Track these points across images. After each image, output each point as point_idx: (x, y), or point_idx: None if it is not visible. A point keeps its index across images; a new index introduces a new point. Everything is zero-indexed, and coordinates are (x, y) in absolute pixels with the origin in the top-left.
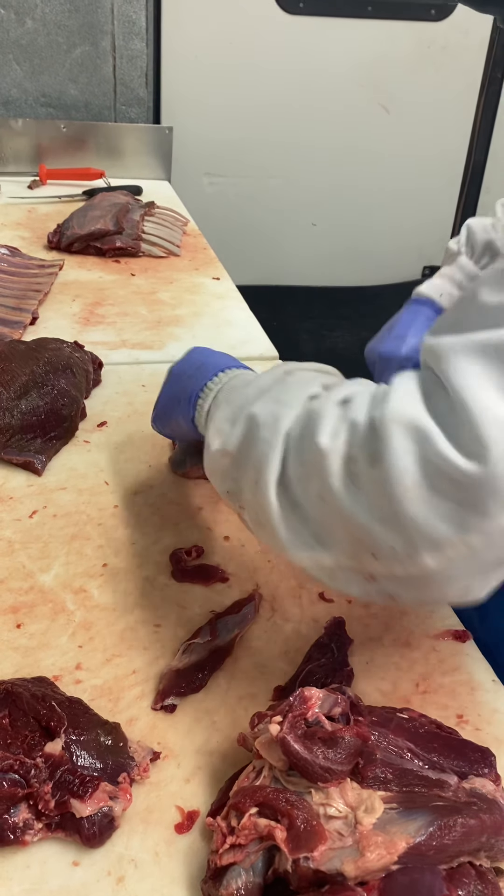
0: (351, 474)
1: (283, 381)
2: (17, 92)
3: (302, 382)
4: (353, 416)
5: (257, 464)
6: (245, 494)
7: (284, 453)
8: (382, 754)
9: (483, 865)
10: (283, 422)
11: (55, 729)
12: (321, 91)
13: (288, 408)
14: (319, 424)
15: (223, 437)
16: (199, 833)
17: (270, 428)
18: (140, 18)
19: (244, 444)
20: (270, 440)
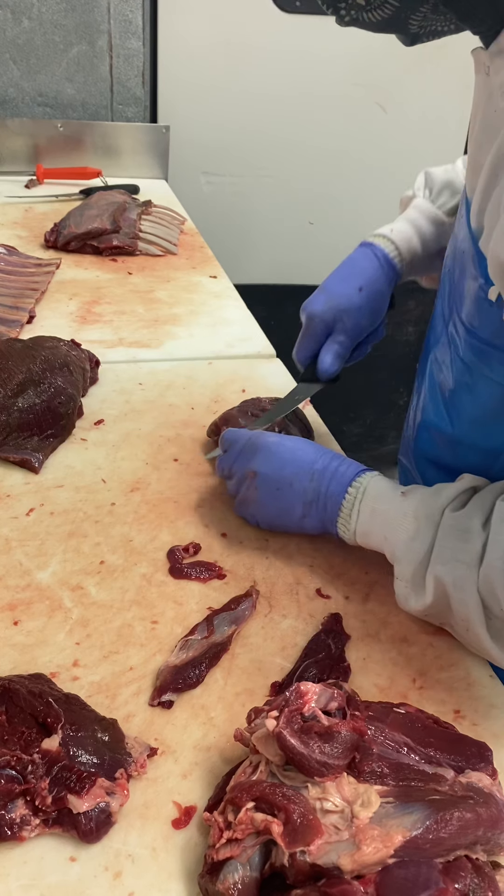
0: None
1: (445, 532)
2: (14, 91)
3: (464, 531)
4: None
5: (463, 617)
6: (454, 628)
7: (483, 605)
8: (379, 749)
9: (479, 859)
10: (470, 583)
11: (52, 725)
12: (318, 89)
13: (468, 568)
14: (499, 591)
15: (416, 595)
16: (196, 828)
17: (462, 589)
18: (136, 17)
19: (440, 600)
20: (467, 600)
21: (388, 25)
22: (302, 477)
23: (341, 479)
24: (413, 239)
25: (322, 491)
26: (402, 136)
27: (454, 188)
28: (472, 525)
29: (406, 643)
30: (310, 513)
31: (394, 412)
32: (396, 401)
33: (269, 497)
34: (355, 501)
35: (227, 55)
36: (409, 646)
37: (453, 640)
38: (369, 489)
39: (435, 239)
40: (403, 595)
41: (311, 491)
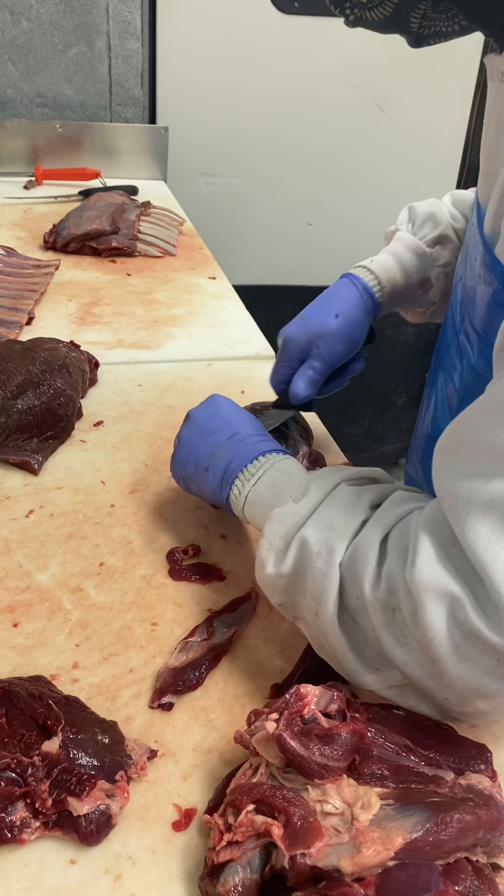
0: (398, 626)
1: (333, 499)
2: (13, 92)
3: (351, 503)
4: (389, 565)
5: (315, 594)
6: (304, 615)
7: (341, 583)
8: (379, 751)
9: (480, 861)
10: (336, 554)
11: (52, 727)
12: (317, 90)
13: (340, 537)
14: (363, 570)
15: (277, 558)
16: (196, 830)
17: (325, 559)
18: (135, 18)
19: (299, 569)
20: (326, 573)
21: (390, 24)
22: (223, 432)
23: (256, 448)
24: (393, 269)
25: (234, 450)
26: (400, 137)
27: (436, 220)
28: (361, 501)
29: None
30: (213, 467)
31: (392, 413)
32: (395, 401)
33: (188, 441)
34: (259, 469)
35: (225, 56)
36: None
37: None
38: (279, 464)
39: (416, 269)
40: (262, 559)
41: (224, 446)
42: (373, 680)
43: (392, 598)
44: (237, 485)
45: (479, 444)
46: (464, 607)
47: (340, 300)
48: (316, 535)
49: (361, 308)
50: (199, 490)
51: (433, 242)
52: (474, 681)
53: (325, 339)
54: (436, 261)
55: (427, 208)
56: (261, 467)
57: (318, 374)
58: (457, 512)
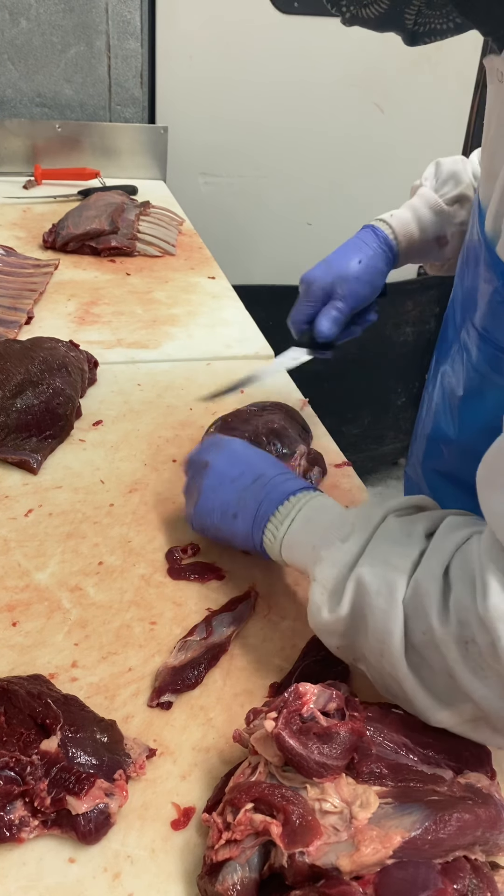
0: (472, 659)
1: (384, 534)
2: (12, 92)
3: (404, 534)
4: (457, 598)
5: (379, 634)
6: (366, 656)
7: (405, 621)
8: (378, 749)
9: (478, 859)
10: (397, 591)
11: (51, 726)
12: (316, 90)
13: (398, 573)
14: (429, 606)
15: (332, 601)
16: (195, 829)
17: (385, 597)
18: (134, 18)
19: (357, 610)
20: (389, 611)
21: (385, 22)
22: (247, 475)
23: (284, 488)
24: (411, 224)
25: (262, 493)
26: (399, 137)
27: (458, 179)
28: (413, 531)
29: None
30: (242, 513)
31: (392, 413)
32: (394, 401)
33: (212, 490)
34: (292, 510)
35: (225, 56)
36: None
37: None
38: (312, 500)
39: (433, 226)
40: (317, 604)
41: (251, 490)
42: (447, 716)
43: (464, 631)
44: (270, 528)
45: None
46: None
47: (362, 248)
48: (372, 573)
49: (382, 258)
50: (229, 538)
51: (452, 201)
52: None
53: (349, 281)
54: (453, 218)
55: (452, 166)
56: (293, 507)
57: (342, 313)
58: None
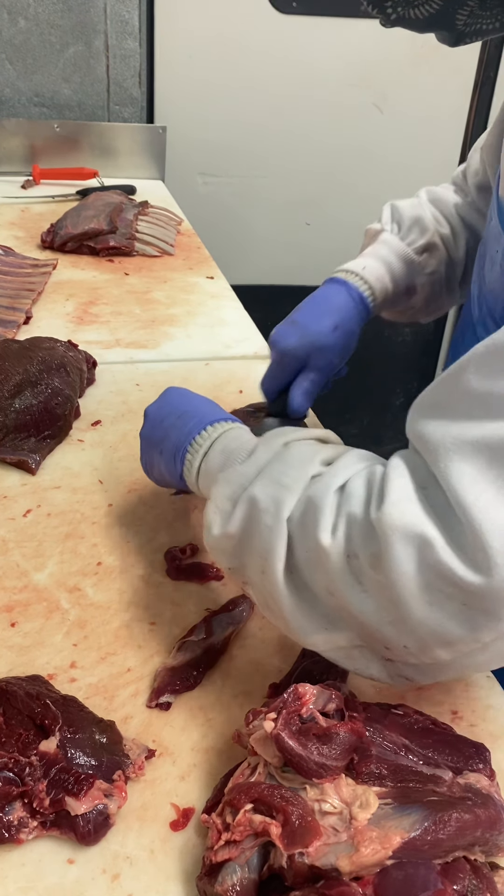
0: (354, 572)
1: (282, 456)
2: (10, 91)
3: (301, 459)
4: (350, 510)
5: (262, 551)
6: (251, 577)
7: (289, 540)
8: (377, 750)
9: (478, 860)
10: (284, 507)
11: (50, 727)
12: (315, 90)
13: (288, 491)
14: (319, 518)
15: (223, 518)
16: (194, 830)
17: (272, 514)
18: (133, 18)
19: (246, 528)
20: (273, 527)
21: (434, 23)
22: (173, 415)
23: (204, 419)
24: (385, 278)
25: (183, 428)
26: (398, 137)
27: (423, 226)
28: (313, 458)
29: None
30: (165, 448)
31: (390, 413)
32: (393, 402)
33: (145, 436)
34: (208, 439)
35: (223, 56)
36: None
37: None
38: (229, 432)
39: (404, 277)
40: (209, 521)
41: (174, 427)
42: (321, 640)
43: (350, 545)
44: (188, 458)
45: (473, 391)
46: (435, 548)
47: (337, 310)
48: (264, 492)
49: (357, 320)
50: (161, 476)
51: (421, 250)
52: (437, 625)
53: (324, 352)
54: (423, 269)
55: (412, 211)
56: (208, 437)
57: (315, 386)
58: (439, 454)
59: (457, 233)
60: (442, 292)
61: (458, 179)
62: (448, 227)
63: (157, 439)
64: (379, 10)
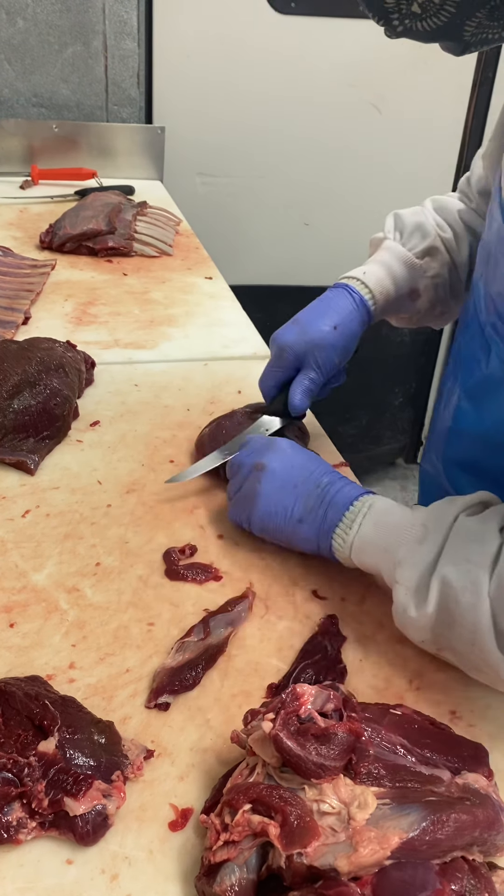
0: None
1: (458, 533)
2: (9, 92)
3: (479, 533)
4: None
5: (469, 626)
6: (457, 647)
7: (493, 613)
8: (375, 750)
9: (476, 860)
10: (482, 587)
11: (48, 728)
12: (313, 91)
13: (480, 569)
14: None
15: (418, 600)
16: (193, 830)
17: (472, 593)
18: (131, 18)
19: (444, 607)
20: (476, 604)
21: (441, 34)
22: (309, 481)
23: (347, 493)
24: (385, 281)
25: (326, 499)
26: (397, 137)
27: (424, 231)
28: (487, 528)
29: (402, 644)
30: (307, 518)
31: (389, 413)
32: (392, 402)
33: (272, 492)
34: (358, 514)
35: (222, 56)
36: (406, 647)
37: None
38: (376, 504)
39: (406, 280)
40: (402, 604)
41: (314, 496)
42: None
43: None
44: (339, 533)
45: None
46: None
47: (338, 311)
48: (456, 572)
49: (357, 321)
50: (291, 541)
51: (422, 254)
52: None
53: (324, 350)
54: (425, 272)
55: (414, 218)
56: (358, 512)
57: (316, 385)
58: None
59: (460, 237)
60: (447, 296)
61: (464, 186)
62: (450, 232)
63: (293, 505)
64: (385, 23)
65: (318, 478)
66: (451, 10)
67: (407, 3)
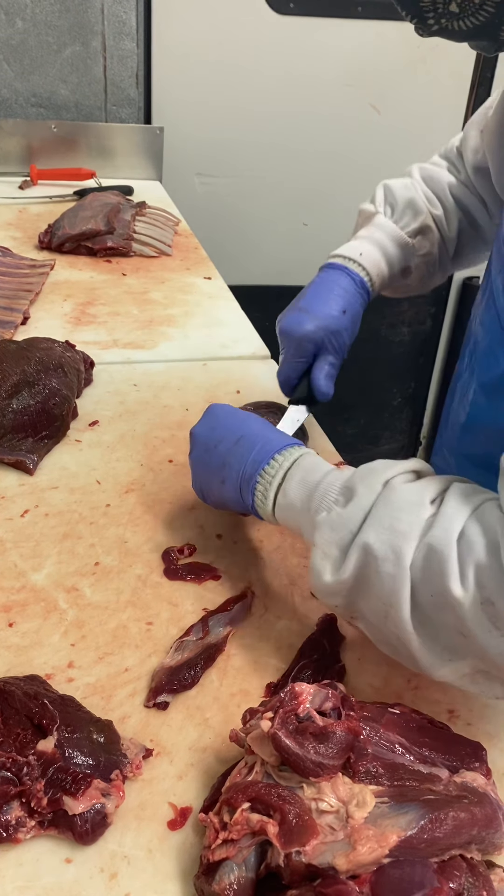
0: (491, 618)
1: (388, 499)
2: (8, 92)
3: (410, 502)
4: (477, 559)
5: (385, 598)
6: (370, 618)
7: (412, 586)
8: (374, 749)
9: (474, 858)
10: (405, 556)
11: (47, 727)
12: (312, 91)
13: (405, 539)
14: (445, 568)
15: (334, 565)
16: (191, 829)
17: (392, 562)
18: (130, 18)
19: (362, 575)
20: (396, 575)
21: (477, 33)
22: (228, 439)
23: (268, 446)
24: (381, 263)
25: (245, 456)
26: (395, 137)
27: (416, 209)
28: (420, 498)
29: None
30: (228, 476)
31: (388, 413)
32: (390, 402)
33: (199, 460)
34: (279, 469)
35: (221, 57)
36: None
37: None
38: (301, 460)
39: (399, 261)
40: (318, 568)
41: (234, 454)
42: (448, 672)
43: (482, 592)
44: (259, 490)
45: None
46: None
47: (342, 295)
48: (379, 540)
49: (359, 302)
50: (221, 502)
51: (415, 233)
52: None
53: (339, 335)
54: (417, 251)
55: (405, 193)
56: (280, 467)
57: (335, 368)
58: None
59: (449, 213)
60: (436, 270)
61: (452, 155)
62: (441, 209)
63: (215, 466)
64: (419, 22)
65: (239, 432)
66: (490, 9)
67: (444, 3)
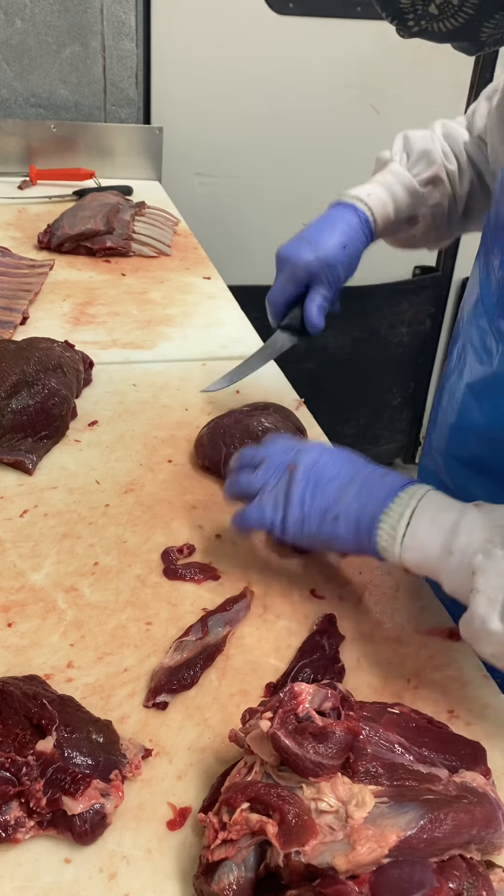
0: None
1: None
2: (7, 92)
3: None
4: None
5: None
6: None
7: None
8: (373, 749)
9: (474, 858)
10: None
11: (46, 727)
12: (311, 91)
13: None
14: None
15: (499, 616)
16: (190, 829)
17: None
18: (129, 18)
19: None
20: None
21: (457, 35)
22: (343, 475)
23: (390, 483)
24: (388, 205)
25: (364, 492)
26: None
27: (430, 158)
28: None
29: (400, 643)
30: (346, 514)
31: (387, 413)
32: (390, 402)
33: (307, 494)
34: (406, 508)
35: (220, 57)
36: (403, 646)
37: (447, 640)
38: (427, 497)
39: (407, 207)
40: (482, 615)
41: (349, 490)
42: None
43: None
44: (385, 529)
45: None
46: None
47: (345, 230)
48: None
49: (361, 241)
50: (329, 542)
51: (426, 182)
52: None
53: (335, 268)
54: (427, 200)
55: (422, 143)
56: (406, 505)
57: (328, 301)
58: None
59: (462, 170)
60: (443, 225)
61: (469, 119)
62: (455, 164)
63: (327, 503)
64: (399, 23)
65: (353, 470)
66: (469, 11)
67: (423, 4)
